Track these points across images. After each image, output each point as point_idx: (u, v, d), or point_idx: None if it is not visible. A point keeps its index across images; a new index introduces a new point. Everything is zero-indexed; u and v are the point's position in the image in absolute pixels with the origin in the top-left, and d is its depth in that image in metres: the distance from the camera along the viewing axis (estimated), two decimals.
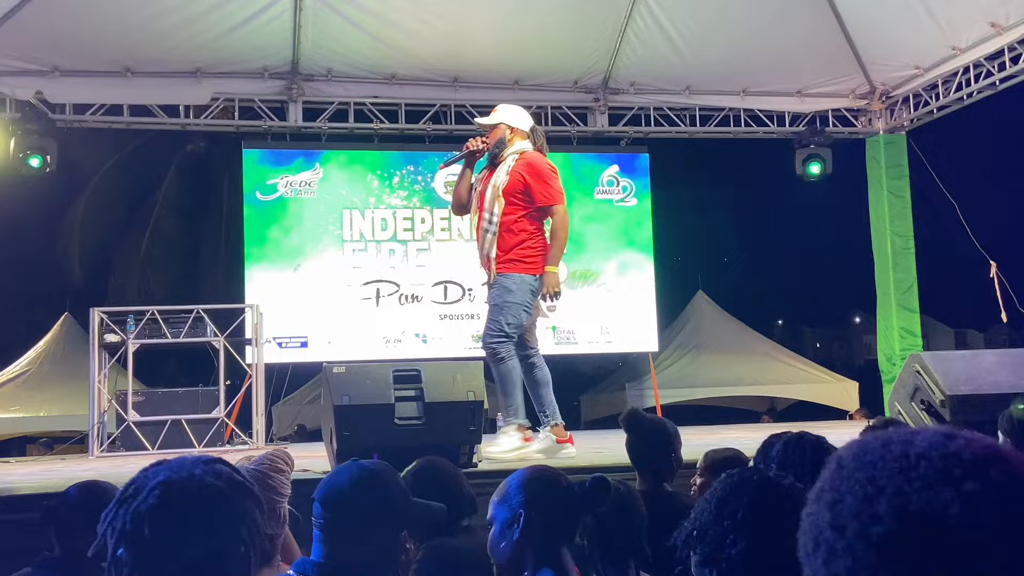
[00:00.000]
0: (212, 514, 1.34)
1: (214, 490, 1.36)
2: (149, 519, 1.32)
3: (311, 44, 9.10)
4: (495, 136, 5.29)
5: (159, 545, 1.31)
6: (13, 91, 9.04)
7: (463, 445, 4.91)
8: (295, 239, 10.12)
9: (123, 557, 1.32)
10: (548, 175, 5.20)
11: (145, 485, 1.36)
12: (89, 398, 7.92)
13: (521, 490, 2.24)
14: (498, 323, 5.17)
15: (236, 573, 1.35)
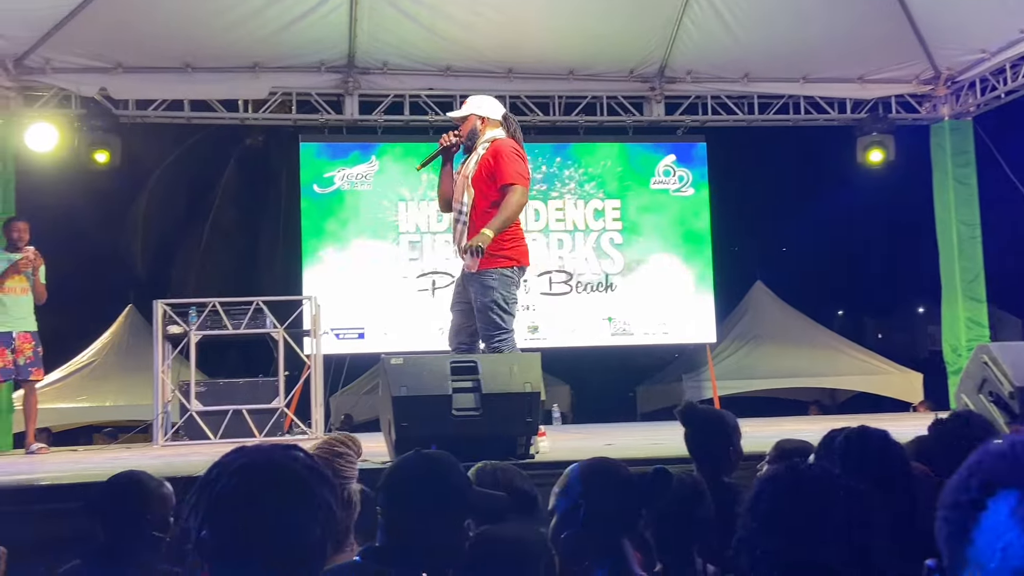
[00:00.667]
0: (290, 497, 1.38)
1: (292, 474, 1.40)
2: (231, 502, 1.37)
3: (367, 37, 9.15)
4: (467, 128, 5.27)
5: (240, 527, 1.36)
6: (78, 88, 9.24)
7: (520, 436, 4.89)
8: (352, 231, 10.20)
9: (206, 539, 1.37)
10: (511, 156, 5.15)
11: (227, 469, 1.41)
12: (153, 388, 8.06)
13: (581, 481, 2.24)
14: (493, 322, 5.14)
15: (312, 555, 1.39)
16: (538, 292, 10.33)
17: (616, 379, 14.00)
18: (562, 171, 10.58)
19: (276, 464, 1.41)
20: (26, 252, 7.04)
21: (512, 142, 5.24)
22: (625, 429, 9.11)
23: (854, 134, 10.69)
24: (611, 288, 10.48)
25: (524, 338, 10.03)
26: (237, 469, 1.41)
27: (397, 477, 2.12)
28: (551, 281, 10.38)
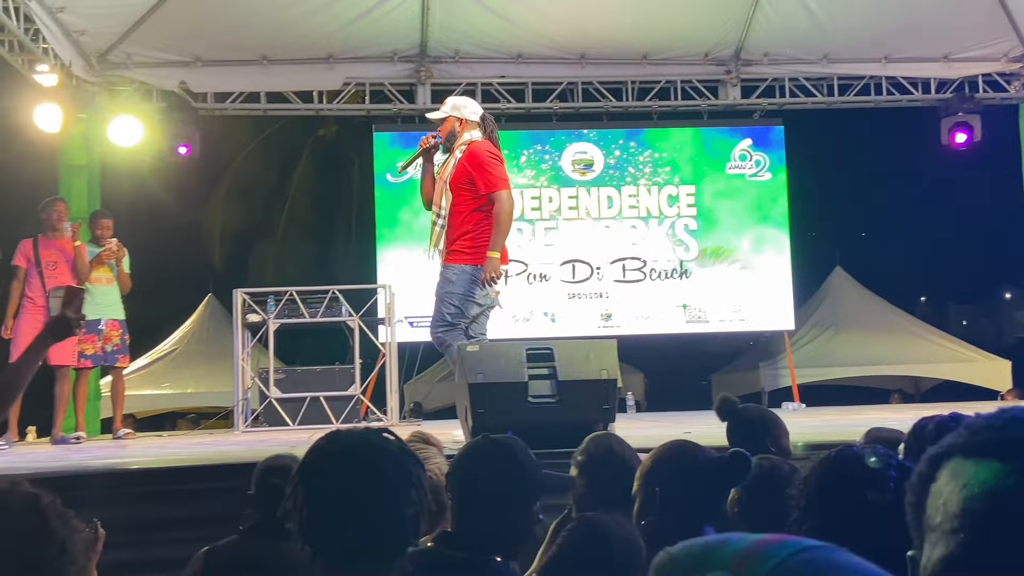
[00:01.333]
0: (386, 477, 1.44)
1: (389, 455, 1.46)
2: (331, 482, 1.43)
3: (439, 26, 9.17)
4: (446, 130, 5.28)
5: (340, 505, 1.42)
6: (159, 82, 9.45)
7: (596, 423, 4.87)
8: (425, 220, 10.20)
9: (308, 518, 1.42)
10: (488, 162, 5.14)
11: (324, 451, 1.47)
12: (233, 376, 8.22)
13: (660, 465, 2.22)
14: (440, 313, 5.20)
15: (407, 534, 1.44)
16: (611, 279, 10.26)
17: (690, 367, 13.85)
18: (635, 157, 10.48)
19: (373, 445, 1.47)
20: (109, 244, 7.23)
21: (487, 145, 5.24)
22: (701, 417, 8.98)
23: (938, 115, 10.36)
24: (686, 275, 10.36)
25: (597, 326, 10.03)
26: (335, 451, 1.46)
27: (467, 463, 2.15)
28: (624, 268, 10.30)
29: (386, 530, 1.43)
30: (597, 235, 10.31)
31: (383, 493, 1.43)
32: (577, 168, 10.37)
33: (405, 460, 1.48)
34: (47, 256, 6.98)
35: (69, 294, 2.40)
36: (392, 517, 1.43)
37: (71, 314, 2.08)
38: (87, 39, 8.81)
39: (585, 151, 10.37)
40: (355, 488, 1.42)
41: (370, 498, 1.42)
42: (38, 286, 6.91)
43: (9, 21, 7.66)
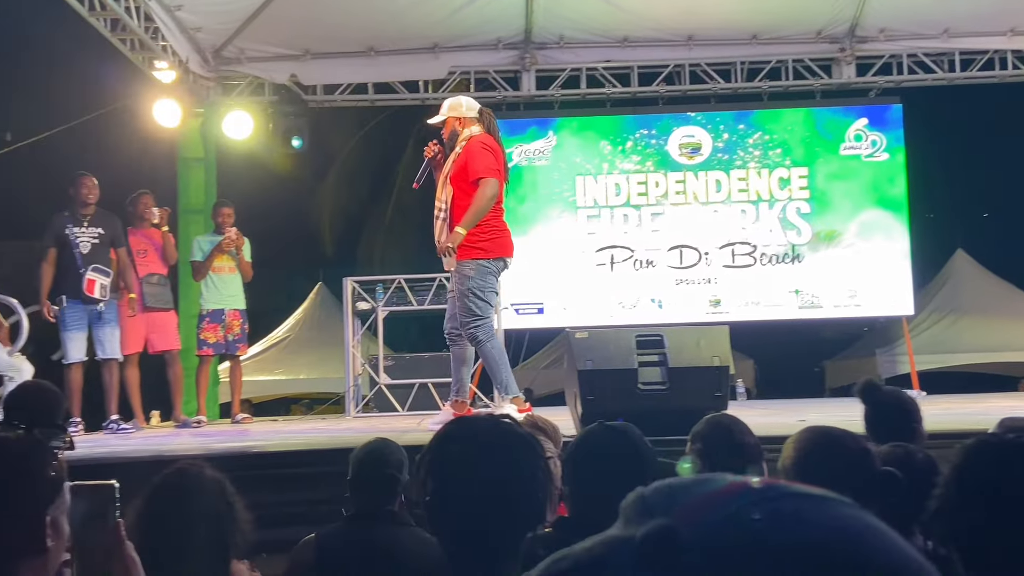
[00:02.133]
0: (517, 460, 1.45)
1: (516, 437, 1.48)
2: (462, 467, 1.44)
3: (543, 12, 9.13)
4: (448, 132, 5.46)
5: (470, 490, 1.43)
6: (271, 76, 9.69)
7: (708, 411, 4.79)
8: (530, 207, 10.25)
9: (437, 503, 1.44)
10: (479, 152, 5.28)
11: (452, 437, 1.48)
12: (344, 362, 8.38)
13: (798, 452, 2.18)
14: (468, 309, 5.30)
15: (537, 517, 1.46)
16: (720, 265, 10.07)
17: (802, 353, 13.51)
18: (744, 140, 10.25)
19: (500, 431, 1.48)
20: (228, 232, 7.43)
21: (482, 137, 5.38)
22: (815, 405, 8.77)
23: None
24: (798, 259, 10.09)
25: (706, 312, 9.86)
26: (464, 437, 1.48)
27: (583, 449, 2.15)
28: (734, 253, 10.10)
29: (516, 514, 1.44)
30: (705, 220, 10.14)
31: (514, 477, 1.43)
32: (684, 152, 10.20)
33: (533, 445, 1.49)
34: (136, 245, 7.22)
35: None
36: (522, 501, 1.44)
37: None
38: (203, 36, 9.08)
39: (692, 134, 10.20)
40: (486, 473, 1.43)
41: (500, 483, 1.43)
42: (133, 277, 7.16)
43: (131, 20, 7.95)
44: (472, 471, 1.43)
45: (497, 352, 5.45)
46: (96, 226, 6.79)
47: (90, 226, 6.77)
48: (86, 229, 6.75)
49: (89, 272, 6.64)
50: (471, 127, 5.41)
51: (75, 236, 6.69)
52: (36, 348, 6.73)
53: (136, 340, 7.11)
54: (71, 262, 6.66)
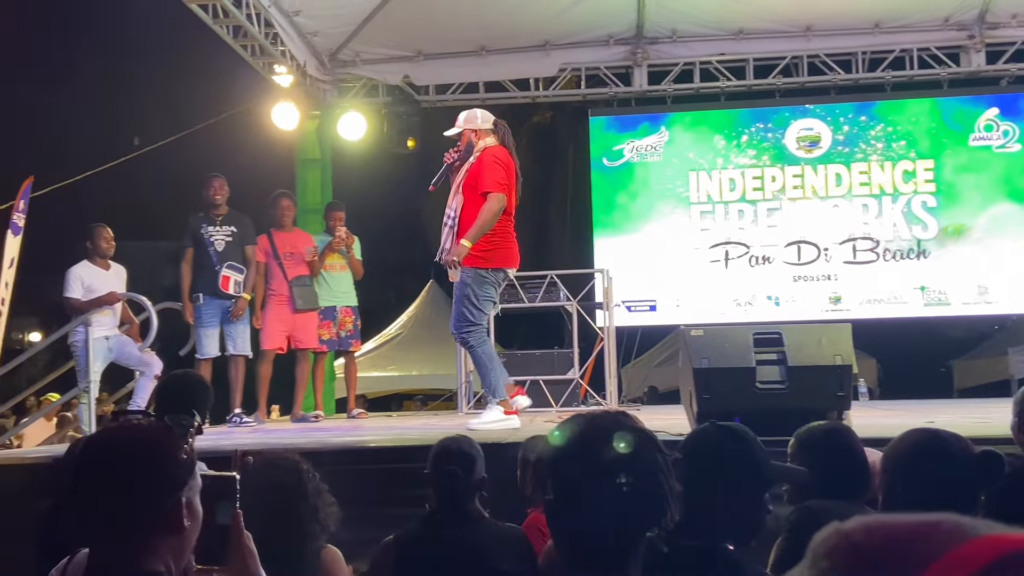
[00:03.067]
0: (637, 455, 1.43)
1: (638, 434, 1.45)
2: (583, 464, 1.42)
3: (655, 6, 9.02)
4: (464, 143, 5.59)
5: (592, 484, 1.41)
6: (384, 77, 9.86)
7: (830, 411, 4.65)
8: (642, 204, 10.16)
9: (559, 497, 1.43)
10: (489, 165, 5.40)
11: (575, 432, 1.46)
12: (456, 359, 8.45)
13: (905, 458, 2.13)
14: (462, 315, 5.47)
15: (658, 510, 1.43)
16: (840, 261, 9.78)
17: (927, 352, 13.01)
18: (866, 132, 9.92)
19: (621, 428, 1.45)
20: (338, 232, 7.58)
21: (496, 149, 5.50)
22: (942, 406, 8.41)
23: None
24: (923, 255, 9.71)
25: (825, 309, 9.60)
26: (584, 434, 1.45)
27: (696, 448, 2.10)
28: (855, 249, 9.80)
29: (638, 513, 1.42)
30: (824, 215, 9.87)
31: (636, 475, 1.41)
32: (802, 145, 9.94)
33: (654, 442, 1.47)
34: (283, 248, 7.41)
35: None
36: (643, 499, 1.42)
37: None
38: (319, 40, 9.30)
39: (811, 127, 9.93)
40: (608, 471, 1.41)
41: (623, 481, 1.41)
42: (280, 278, 7.33)
43: (252, 27, 8.20)
44: (594, 469, 1.42)
45: (487, 357, 5.57)
46: (229, 225, 7.06)
47: (223, 225, 7.03)
48: (220, 228, 7.02)
49: (224, 269, 6.91)
50: (486, 139, 5.56)
51: (210, 235, 6.97)
52: (163, 343, 6.98)
53: (279, 337, 7.31)
54: (207, 260, 6.93)
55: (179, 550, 1.54)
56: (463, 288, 5.47)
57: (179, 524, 1.53)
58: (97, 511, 1.50)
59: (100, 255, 6.68)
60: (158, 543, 1.51)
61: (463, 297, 5.47)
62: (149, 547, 1.51)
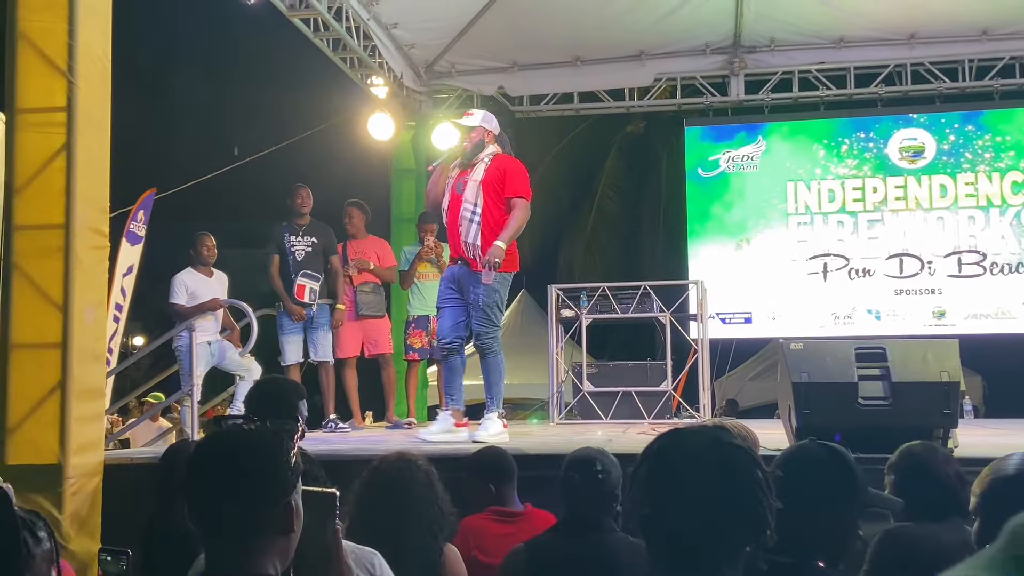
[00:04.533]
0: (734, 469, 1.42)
1: (735, 449, 1.45)
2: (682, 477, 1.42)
3: (753, 15, 8.90)
4: (477, 137, 5.53)
5: (688, 500, 1.40)
6: (479, 88, 9.95)
7: (936, 429, 4.52)
8: (737, 214, 10.02)
9: (654, 513, 1.42)
10: (523, 172, 5.53)
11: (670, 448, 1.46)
12: (548, 369, 8.45)
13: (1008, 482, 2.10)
14: (489, 319, 5.43)
15: (757, 525, 1.42)
16: (945, 274, 9.48)
17: None
18: (973, 142, 9.61)
19: (717, 442, 1.45)
20: (427, 241, 7.66)
21: (515, 160, 5.60)
22: None
23: None
24: None
25: (929, 324, 9.32)
26: (680, 449, 1.45)
27: (794, 465, 2.07)
28: (960, 262, 9.49)
29: (736, 528, 1.41)
30: (928, 227, 9.59)
31: (733, 490, 1.40)
32: (905, 155, 9.68)
33: (752, 456, 1.45)
34: (353, 256, 7.54)
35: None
36: (741, 514, 1.40)
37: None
38: (416, 51, 9.44)
39: (915, 137, 9.66)
40: (704, 486, 1.40)
41: (719, 497, 1.40)
42: (349, 286, 7.48)
43: (351, 40, 8.38)
44: (690, 486, 1.40)
45: (502, 365, 5.65)
46: (310, 235, 7.20)
47: (304, 235, 7.17)
48: (301, 238, 7.17)
49: (299, 278, 7.05)
50: (493, 144, 5.58)
51: (291, 244, 7.13)
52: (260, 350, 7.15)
53: (353, 344, 7.45)
54: (287, 269, 7.10)
55: (285, 553, 1.58)
56: (491, 292, 5.40)
57: (289, 525, 1.57)
58: (216, 513, 1.54)
59: (203, 262, 6.90)
60: (269, 545, 1.55)
61: (491, 302, 5.41)
62: (262, 548, 1.55)
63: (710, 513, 1.39)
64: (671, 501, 1.41)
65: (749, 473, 1.42)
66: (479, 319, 5.43)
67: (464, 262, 5.48)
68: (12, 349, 4.35)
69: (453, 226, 5.51)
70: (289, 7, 7.72)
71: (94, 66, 4.56)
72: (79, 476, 4.28)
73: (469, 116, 5.68)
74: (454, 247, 5.58)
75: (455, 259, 5.64)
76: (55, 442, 4.24)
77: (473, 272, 5.42)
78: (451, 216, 5.53)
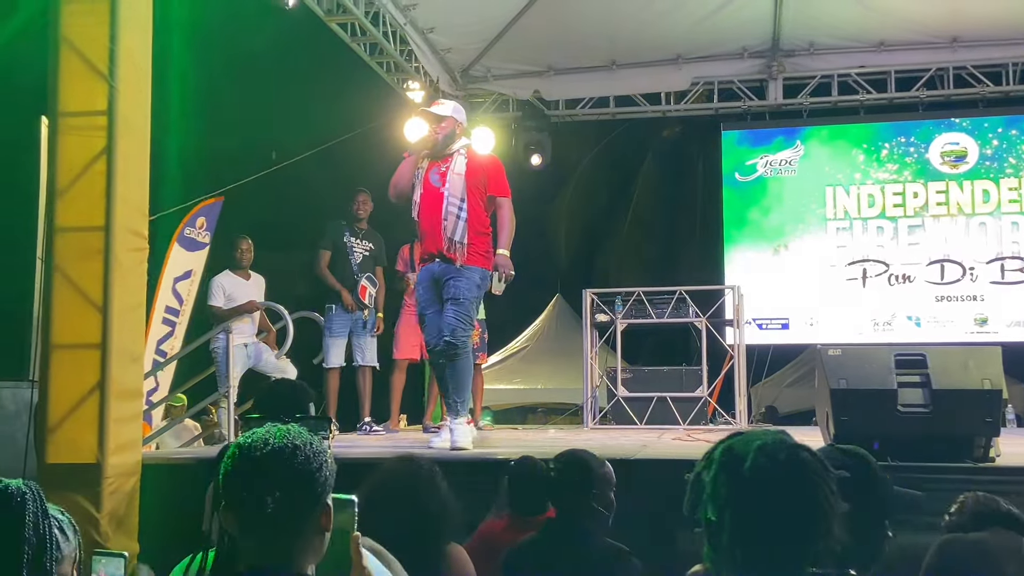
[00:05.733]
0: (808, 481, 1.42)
1: (815, 462, 1.44)
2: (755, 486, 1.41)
3: (792, 18, 8.82)
4: (448, 128, 5.28)
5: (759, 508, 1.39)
6: (515, 92, 9.95)
7: (977, 438, 4.45)
8: (775, 219, 9.93)
9: (723, 520, 1.41)
10: (502, 169, 5.41)
11: (742, 453, 1.43)
12: (582, 373, 8.43)
13: None
14: (467, 317, 5.17)
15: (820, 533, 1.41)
16: (987, 281, 9.34)
17: None
18: (1017, 146, 9.48)
19: (792, 448, 1.44)
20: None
21: (494, 157, 5.52)
22: None
23: None
24: None
25: (971, 331, 9.19)
26: (745, 456, 1.43)
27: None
28: (1003, 268, 9.35)
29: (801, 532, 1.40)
30: (970, 232, 9.45)
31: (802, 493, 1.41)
32: (947, 160, 9.54)
33: (826, 467, 1.45)
34: (419, 258, 7.54)
35: None
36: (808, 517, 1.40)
37: None
38: (452, 56, 9.47)
39: (957, 141, 9.53)
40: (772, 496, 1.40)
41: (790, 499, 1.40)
42: (411, 288, 7.48)
43: (388, 44, 8.42)
44: (758, 494, 1.39)
45: (471, 366, 5.34)
46: (368, 240, 7.27)
47: (363, 239, 7.24)
48: (361, 241, 7.23)
49: (363, 279, 7.11)
50: (464, 138, 5.41)
51: (351, 246, 7.18)
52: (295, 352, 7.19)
53: (411, 347, 7.46)
54: (346, 270, 7.14)
55: (319, 553, 1.59)
56: (475, 290, 5.19)
57: (327, 525, 1.58)
58: (257, 511, 1.54)
59: (240, 265, 6.96)
60: (307, 544, 1.56)
61: (472, 298, 5.18)
62: (301, 547, 1.56)
63: (777, 523, 1.38)
64: (738, 510, 1.40)
65: (824, 482, 1.42)
66: (458, 313, 5.13)
67: (445, 259, 5.20)
68: (53, 350, 4.41)
69: (433, 221, 5.21)
70: (326, 12, 7.78)
71: (134, 70, 4.62)
72: (117, 475, 4.33)
73: (439, 105, 5.42)
74: (433, 242, 5.23)
75: (429, 256, 5.30)
76: (94, 442, 4.29)
77: (457, 268, 5.17)
78: (430, 210, 5.23)
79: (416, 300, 5.50)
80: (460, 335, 5.13)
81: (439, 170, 5.25)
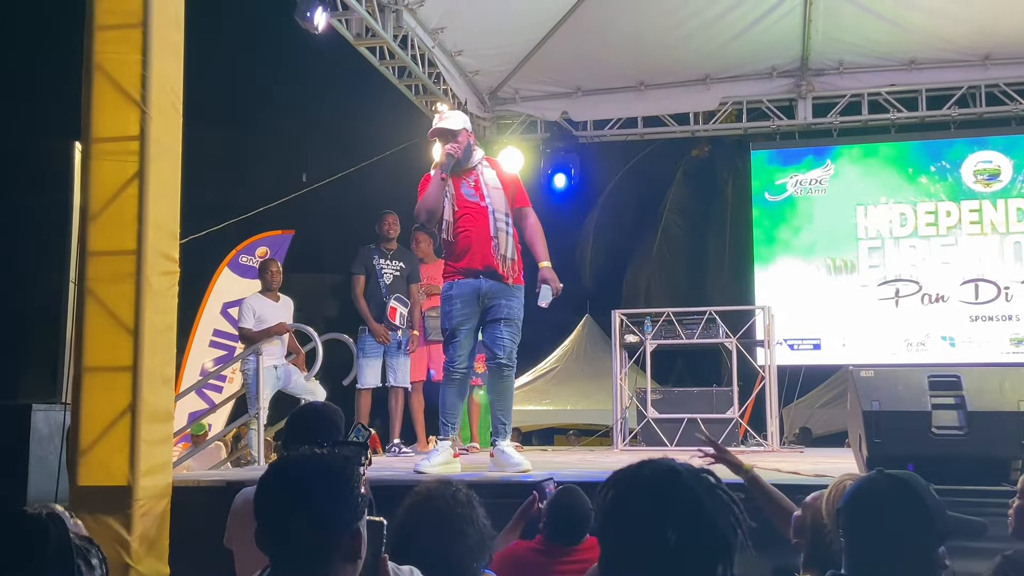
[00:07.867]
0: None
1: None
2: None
3: (821, 37, 8.79)
4: (464, 141, 5.06)
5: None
6: (543, 113, 9.99)
7: (1014, 460, 4.38)
8: (806, 238, 9.86)
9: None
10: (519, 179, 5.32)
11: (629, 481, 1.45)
12: (612, 395, 8.38)
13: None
14: (518, 336, 5.06)
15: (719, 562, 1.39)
16: (1022, 300, 9.18)
17: None
18: None
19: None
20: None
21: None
22: None
23: None
24: None
25: (1007, 351, 9.08)
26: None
27: (862, 499, 1.98)
28: None
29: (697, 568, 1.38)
30: (1005, 252, 9.31)
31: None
32: (980, 179, 9.43)
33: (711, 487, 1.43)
34: (424, 281, 7.60)
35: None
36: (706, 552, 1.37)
37: None
38: (480, 78, 9.52)
39: (990, 160, 9.42)
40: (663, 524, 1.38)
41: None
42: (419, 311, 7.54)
43: (416, 67, 8.48)
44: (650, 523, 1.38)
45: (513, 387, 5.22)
46: (398, 260, 7.31)
47: (392, 259, 7.28)
48: (390, 262, 7.27)
49: (392, 300, 7.14)
50: (479, 148, 5.26)
51: (381, 267, 7.23)
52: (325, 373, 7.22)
53: (419, 369, 7.49)
54: (376, 291, 7.19)
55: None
56: (522, 309, 5.07)
57: (358, 552, 1.58)
58: (285, 537, 1.55)
59: (269, 287, 7.01)
60: (337, 571, 1.56)
61: (519, 320, 5.07)
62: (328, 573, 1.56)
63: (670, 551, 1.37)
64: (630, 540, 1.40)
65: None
66: (513, 335, 5.02)
67: (496, 275, 5.01)
68: (85, 372, 4.45)
69: (481, 237, 5.00)
70: (356, 36, 7.84)
71: (166, 96, 4.67)
72: (148, 498, 4.35)
73: (445, 119, 5.16)
74: (480, 259, 4.99)
75: (471, 272, 5.02)
76: (125, 464, 4.32)
77: (507, 286, 5.03)
78: (474, 226, 5.02)
79: (445, 313, 5.13)
80: (514, 357, 5.09)
81: (468, 183, 5.06)
